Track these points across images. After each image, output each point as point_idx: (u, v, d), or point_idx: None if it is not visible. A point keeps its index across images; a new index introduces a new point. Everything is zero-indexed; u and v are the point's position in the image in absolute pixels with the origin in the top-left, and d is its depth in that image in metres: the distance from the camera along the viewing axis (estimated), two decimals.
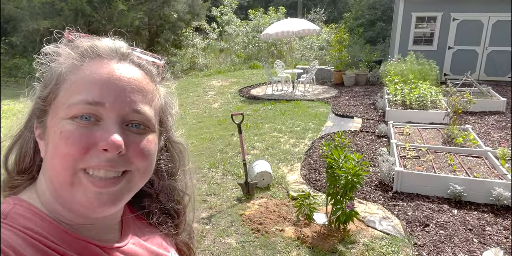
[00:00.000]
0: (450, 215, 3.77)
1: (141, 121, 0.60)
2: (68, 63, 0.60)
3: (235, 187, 4.52)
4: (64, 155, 0.55)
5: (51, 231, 0.57)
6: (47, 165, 0.59)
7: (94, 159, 0.55)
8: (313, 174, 4.88)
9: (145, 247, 0.71)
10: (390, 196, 4.22)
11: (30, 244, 0.53)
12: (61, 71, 0.60)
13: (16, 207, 0.58)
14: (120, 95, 0.58)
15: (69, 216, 0.60)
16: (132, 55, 0.64)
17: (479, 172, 4.33)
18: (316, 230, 3.52)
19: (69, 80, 0.59)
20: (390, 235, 3.46)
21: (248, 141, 6.21)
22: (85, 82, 0.57)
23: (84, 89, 0.57)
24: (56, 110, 0.58)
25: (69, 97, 0.57)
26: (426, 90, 7.54)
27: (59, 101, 0.58)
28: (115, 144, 0.55)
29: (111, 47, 0.63)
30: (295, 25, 9.83)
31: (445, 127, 5.96)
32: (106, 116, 0.57)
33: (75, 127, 0.56)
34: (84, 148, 0.55)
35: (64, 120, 0.56)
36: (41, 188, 0.62)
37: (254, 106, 8.90)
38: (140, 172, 0.61)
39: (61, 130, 0.56)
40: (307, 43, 17.27)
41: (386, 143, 5.91)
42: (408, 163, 4.65)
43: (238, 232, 3.55)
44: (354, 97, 9.46)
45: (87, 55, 0.61)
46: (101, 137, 0.55)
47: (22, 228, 0.54)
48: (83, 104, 0.56)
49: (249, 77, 13.27)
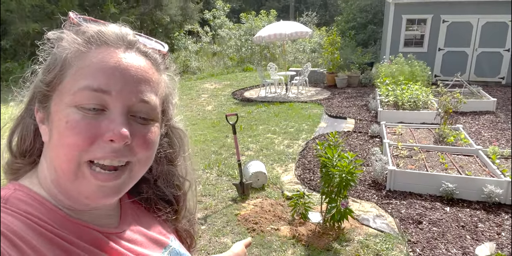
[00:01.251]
0: (442, 213, 3.82)
1: (146, 111, 0.60)
2: (74, 49, 0.59)
3: (230, 188, 4.53)
4: (70, 145, 0.55)
5: (51, 216, 0.57)
6: (51, 153, 0.58)
7: (100, 149, 0.55)
8: (308, 174, 4.91)
9: (144, 233, 0.71)
10: (383, 194, 4.26)
11: (31, 228, 0.53)
12: (67, 56, 0.58)
13: (17, 192, 0.58)
14: (127, 84, 0.57)
15: (70, 203, 0.61)
16: (139, 44, 0.63)
17: (471, 170, 4.40)
18: (311, 229, 3.55)
19: (75, 66, 0.57)
20: (384, 233, 3.50)
21: (242, 143, 6.23)
22: (92, 69, 0.56)
23: (91, 76, 0.56)
24: (60, 95, 0.58)
25: (75, 83, 0.56)
26: (418, 91, 7.64)
27: (64, 86, 0.58)
28: (122, 135, 0.55)
29: (118, 35, 0.61)
30: (287, 28, 9.91)
31: (436, 126, 6.04)
32: (112, 106, 0.56)
33: (81, 116, 0.55)
34: (90, 138, 0.55)
35: (69, 107, 0.55)
36: (43, 173, 0.62)
37: (247, 108, 8.93)
38: (142, 162, 0.61)
39: (67, 119, 0.55)
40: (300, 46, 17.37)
41: (379, 143, 5.97)
42: (400, 162, 4.70)
43: (233, 232, 3.56)
44: (347, 98, 9.54)
45: (93, 41, 0.59)
46: (108, 127, 0.55)
47: (22, 213, 0.54)
48: (88, 91, 0.55)
49: (242, 80, 13.31)
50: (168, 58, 0.70)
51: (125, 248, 0.64)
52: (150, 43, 0.67)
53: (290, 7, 24.61)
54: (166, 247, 0.74)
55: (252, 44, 16.74)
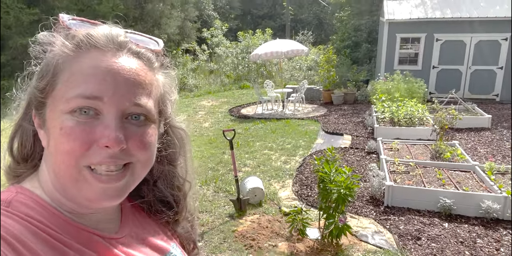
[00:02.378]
0: (441, 229, 3.80)
1: (141, 113, 0.59)
2: (64, 55, 0.58)
3: (227, 204, 4.50)
4: (67, 152, 0.55)
5: (53, 220, 0.57)
6: (51, 159, 0.58)
7: (96, 155, 0.55)
8: (305, 190, 4.89)
9: (144, 239, 0.71)
10: (381, 210, 4.23)
11: (32, 232, 0.53)
12: (58, 63, 0.58)
13: (19, 195, 0.58)
14: (119, 89, 0.56)
15: (71, 206, 0.61)
16: (130, 44, 0.62)
17: (468, 185, 4.40)
18: (309, 245, 3.51)
19: (66, 72, 0.57)
20: (383, 249, 3.46)
21: (239, 159, 6.21)
22: (83, 75, 0.56)
23: (82, 82, 0.55)
24: (54, 102, 0.57)
25: (67, 91, 0.56)
26: (414, 107, 7.71)
27: (57, 94, 0.57)
28: (116, 141, 0.55)
29: (108, 37, 0.60)
30: (284, 46, 10.06)
31: (432, 143, 6.07)
32: (105, 111, 0.56)
33: (75, 123, 0.55)
34: (86, 144, 0.55)
35: (63, 114, 0.55)
36: (44, 177, 0.62)
37: (244, 125, 8.96)
38: (142, 163, 0.61)
39: (61, 126, 0.55)
40: (296, 64, 17.58)
41: (376, 159, 5.98)
42: (398, 178, 4.70)
43: (231, 248, 3.52)
44: (343, 115, 9.60)
45: (83, 46, 0.58)
46: (102, 133, 0.55)
47: (24, 216, 0.54)
48: (81, 98, 0.55)
49: (239, 97, 13.39)
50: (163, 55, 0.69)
51: (125, 254, 0.64)
52: (143, 41, 0.66)
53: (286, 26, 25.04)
54: (166, 255, 0.73)
55: (249, 62, 16.93)
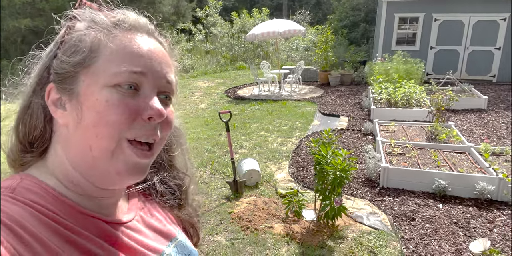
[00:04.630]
0: (435, 210, 3.84)
1: (169, 91, 0.64)
2: (105, 31, 0.60)
3: (223, 186, 4.51)
4: (113, 123, 0.56)
5: (58, 205, 0.57)
6: (84, 134, 0.58)
7: (139, 127, 0.58)
8: (301, 172, 4.91)
9: (150, 225, 0.72)
10: (377, 192, 4.27)
11: (35, 217, 0.53)
12: (96, 38, 0.59)
13: (24, 181, 0.58)
14: (158, 66, 0.61)
15: (87, 187, 0.61)
16: (156, 33, 0.67)
17: (463, 167, 4.43)
18: (305, 226, 3.55)
19: (108, 47, 0.59)
20: (378, 230, 3.51)
21: (235, 141, 6.21)
22: (128, 52, 0.59)
23: (128, 58, 0.58)
24: (93, 77, 0.58)
25: (112, 66, 0.57)
26: (412, 89, 7.67)
27: (98, 68, 0.58)
28: (161, 112, 0.59)
29: (141, 22, 0.64)
30: (280, 26, 9.88)
31: (428, 124, 6.08)
32: (146, 86, 0.59)
33: (121, 95, 0.57)
34: (131, 116, 0.57)
35: (107, 88, 0.57)
36: (56, 162, 0.62)
37: (241, 107, 8.91)
38: (161, 142, 0.64)
39: (107, 98, 0.56)
40: (293, 44, 17.36)
41: (372, 140, 5.99)
42: (393, 160, 4.72)
43: (227, 230, 3.55)
44: (340, 96, 9.56)
45: (121, 25, 0.61)
46: (146, 106, 0.58)
47: (28, 202, 0.54)
48: (128, 73, 0.57)
49: (236, 78, 13.27)
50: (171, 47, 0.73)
51: (130, 238, 0.65)
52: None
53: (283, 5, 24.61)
54: (172, 240, 0.74)
55: (245, 43, 16.70)
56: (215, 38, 17.87)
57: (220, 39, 17.40)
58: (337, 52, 13.00)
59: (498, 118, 7.10)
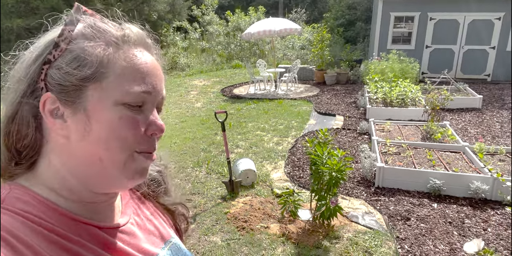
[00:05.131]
0: (430, 209, 3.86)
1: (162, 105, 0.67)
2: (114, 46, 0.60)
3: (219, 186, 4.51)
4: (124, 138, 0.59)
5: (49, 213, 0.57)
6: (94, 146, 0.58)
7: (145, 142, 0.62)
8: (297, 172, 4.92)
9: (145, 228, 0.72)
10: (372, 191, 4.29)
11: (28, 226, 0.52)
12: (107, 54, 0.58)
13: (13, 191, 0.58)
14: (158, 84, 0.63)
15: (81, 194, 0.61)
16: (152, 47, 0.68)
17: (457, 166, 4.45)
18: (301, 226, 3.55)
19: (118, 64, 0.59)
20: (373, 230, 3.52)
21: (231, 140, 6.20)
22: (136, 70, 0.60)
23: (139, 77, 0.60)
24: (103, 92, 0.57)
25: (123, 83, 0.59)
26: (407, 88, 7.70)
27: (108, 84, 0.58)
28: (162, 128, 0.63)
29: (142, 36, 0.65)
30: (277, 24, 9.87)
31: (423, 123, 6.10)
32: (149, 103, 0.62)
33: (131, 112, 0.60)
34: (140, 132, 0.61)
35: (119, 105, 0.58)
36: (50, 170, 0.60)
37: (237, 105, 8.90)
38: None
39: (120, 115, 0.58)
40: (289, 43, 17.35)
41: (368, 140, 6.01)
42: (389, 159, 4.74)
43: (223, 230, 3.55)
44: (336, 95, 9.57)
45: (128, 40, 0.62)
46: (151, 123, 0.62)
47: (19, 211, 0.54)
48: (143, 94, 0.60)
49: (232, 77, 13.25)
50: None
51: (124, 243, 0.64)
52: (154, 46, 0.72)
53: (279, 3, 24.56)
54: (166, 242, 0.74)
55: (241, 41, 16.66)
56: (211, 37, 17.82)
57: (216, 37, 17.35)
58: (333, 51, 13.00)
59: (493, 117, 7.15)
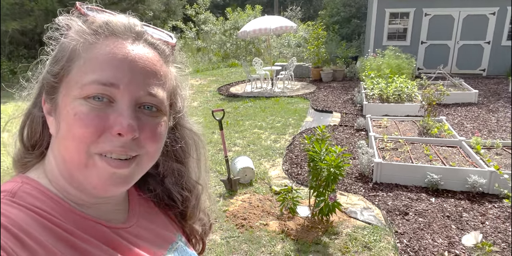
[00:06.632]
0: (428, 203, 3.88)
1: (154, 104, 0.59)
2: (82, 39, 0.57)
3: (217, 184, 4.52)
4: (78, 138, 0.54)
5: (58, 210, 0.57)
6: (59, 145, 0.57)
7: (107, 143, 0.55)
8: (295, 169, 4.93)
9: (151, 229, 0.71)
10: (370, 187, 4.30)
11: (37, 222, 0.52)
12: (74, 48, 0.57)
13: (24, 185, 0.57)
14: (134, 77, 0.56)
15: (78, 195, 0.60)
16: (147, 35, 0.62)
17: (455, 161, 4.48)
18: (300, 223, 3.56)
19: (82, 57, 0.56)
20: (372, 225, 3.54)
21: (229, 138, 6.20)
22: (100, 62, 0.55)
23: (99, 69, 0.55)
24: (68, 88, 0.56)
25: (83, 76, 0.55)
26: (404, 84, 7.72)
27: (71, 79, 0.56)
28: (130, 128, 0.54)
29: (126, 25, 0.60)
30: (272, 22, 9.87)
31: (420, 119, 6.12)
32: (119, 98, 0.55)
33: (89, 108, 0.54)
34: (98, 131, 0.54)
35: (77, 100, 0.55)
36: (50, 165, 0.61)
37: (234, 104, 8.90)
38: (150, 154, 0.61)
39: (75, 111, 0.54)
40: (285, 41, 17.34)
41: (365, 136, 6.03)
42: (386, 155, 4.76)
43: (222, 228, 3.56)
44: (332, 92, 9.59)
45: (101, 32, 0.58)
46: (115, 121, 0.54)
47: (30, 206, 0.54)
48: (96, 85, 0.54)
49: (228, 75, 13.24)
50: (176, 50, 0.69)
51: (131, 243, 0.64)
52: (158, 34, 0.66)
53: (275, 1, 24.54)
54: (172, 244, 0.74)
55: (237, 40, 16.65)
56: (206, 36, 17.79)
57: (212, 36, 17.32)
58: (329, 48, 13.01)
59: (489, 112, 7.18)
